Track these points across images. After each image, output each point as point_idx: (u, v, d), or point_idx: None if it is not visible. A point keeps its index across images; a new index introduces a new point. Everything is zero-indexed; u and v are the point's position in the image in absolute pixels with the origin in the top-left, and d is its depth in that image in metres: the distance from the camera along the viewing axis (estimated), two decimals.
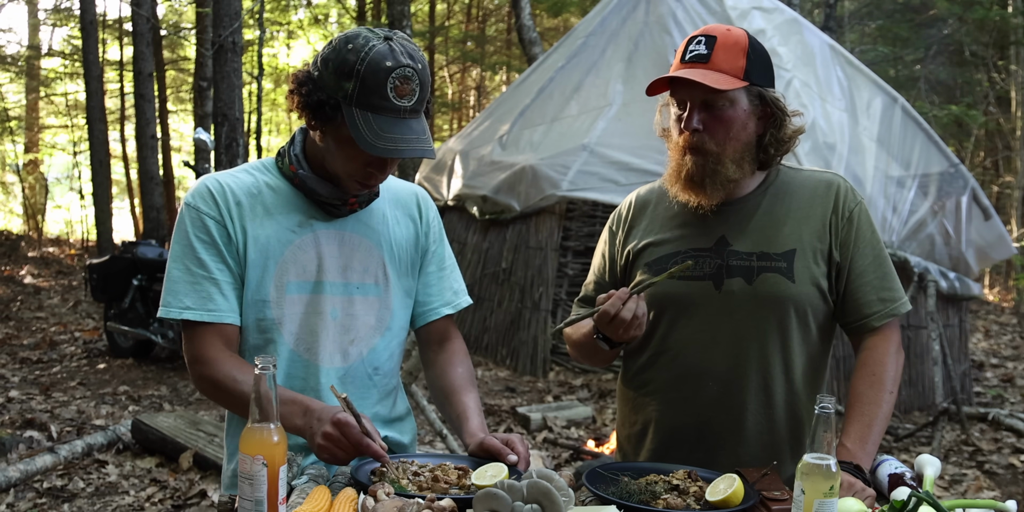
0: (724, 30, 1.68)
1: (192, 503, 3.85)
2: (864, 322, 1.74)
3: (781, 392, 1.76)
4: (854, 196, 1.78)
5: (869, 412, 1.68)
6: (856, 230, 1.75)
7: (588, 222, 6.68)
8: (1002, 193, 14.15)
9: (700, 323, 1.76)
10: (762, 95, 1.70)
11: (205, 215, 1.62)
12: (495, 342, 7.11)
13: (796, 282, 1.72)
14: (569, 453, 4.69)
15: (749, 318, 1.73)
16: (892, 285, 1.76)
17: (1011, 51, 13.44)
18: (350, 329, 1.71)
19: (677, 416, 1.81)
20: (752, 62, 1.67)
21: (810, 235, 1.74)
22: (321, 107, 1.54)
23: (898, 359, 1.75)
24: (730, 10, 6.83)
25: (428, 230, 1.83)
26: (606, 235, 1.96)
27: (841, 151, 6.09)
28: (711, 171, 1.69)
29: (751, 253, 1.74)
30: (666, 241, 1.81)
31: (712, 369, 1.76)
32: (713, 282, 1.75)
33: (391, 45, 1.50)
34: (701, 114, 1.67)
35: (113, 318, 6.74)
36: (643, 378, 1.87)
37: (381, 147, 1.51)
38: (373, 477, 1.50)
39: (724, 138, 1.68)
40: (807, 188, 1.78)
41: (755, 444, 1.76)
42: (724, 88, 1.62)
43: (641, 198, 1.93)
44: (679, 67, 1.69)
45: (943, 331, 5.74)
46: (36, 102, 18.89)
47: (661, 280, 1.65)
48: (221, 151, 7.44)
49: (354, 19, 17.14)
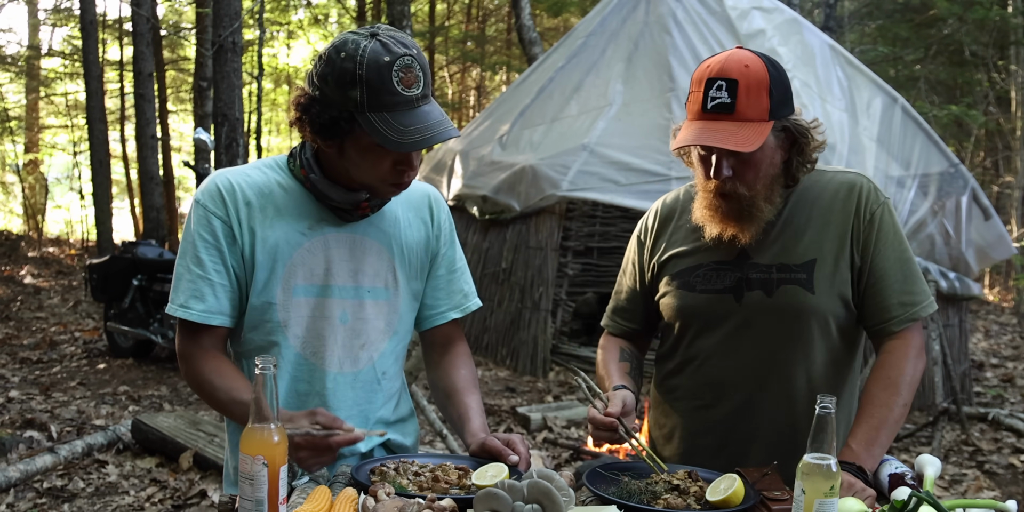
0: (743, 68, 1.59)
1: (192, 503, 3.85)
2: (884, 326, 1.72)
3: (804, 401, 1.74)
4: (877, 197, 1.75)
5: (879, 415, 1.66)
6: (878, 232, 1.72)
7: (588, 222, 6.68)
8: (1002, 193, 14.15)
9: (722, 335, 1.77)
10: (785, 126, 1.66)
11: (212, 214, 1.61)
12: (495, 342, 7.11)
13: (816, 293, 1.70)
14: (569, 453, 4.69)
15: (770, 330, 1.73)
16: (915, 288, 1.72)
17: (1011, 51, 13.44)
18: (361, 333, 1.70)
19: (701, 423, 1.83)
20: (774, 98, 1.61)
21: (831, 242, 1.72)
22: (335, 124, 1.51)
23: (917, 364, 1.71)
24: (730, 10, 6.83)
25: (439, 233, 1.81)
26: (634, 244, 1.95)
27: (841, 151, 6.09)
28: (747, 214, 1.68)
29: (771, 265, 1.73)
30: (689, 253, 1.81)
31: (734, 380, 1.77)
32: (734, 295, 1.75)
33: (381, 40, 1.48)
34: (730, 160, 1.64)
35: (113, 318, 6.74)
36: (670, 384, 1.89)
37: (409, 142, 1.49)
38: (374, 477, 1.50)
39: (754, 180, 1.65)
40: (829, 192, 1.76)
41: (778, 453, 1.76)
42: (757, 146, 1.58)
43: (667, 207, 1.91)
44: (701, 117, 1.62)
45: (943, 331, 5.74)
46: (36, 102, 18.89)
47: (641, 454, 1.63)
48: (221, 151, 7.44)
49: (354, 19, 17.14)
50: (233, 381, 1.59)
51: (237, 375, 1.62)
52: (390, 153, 1.53)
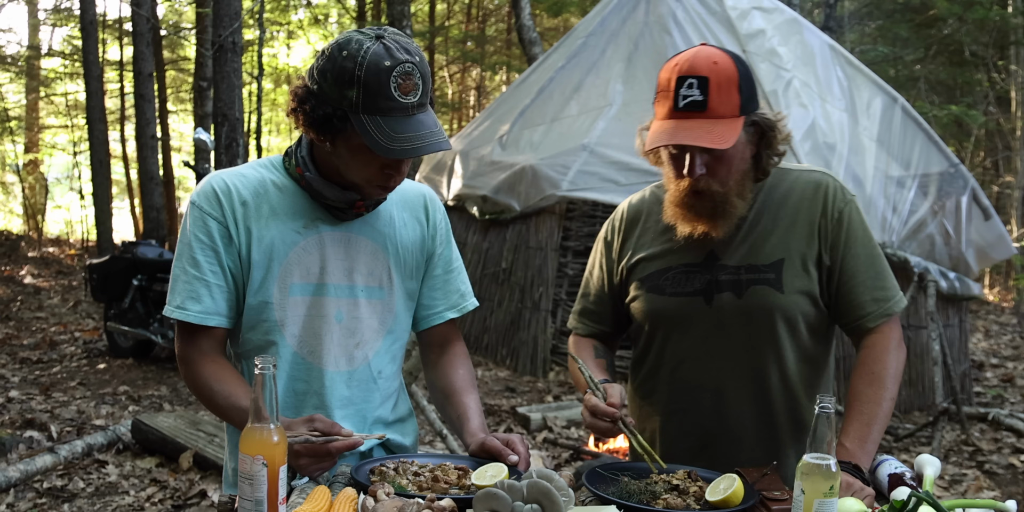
0: (712, 64, 1.60)
1: (192, 503, 3.85)
2: (859, 323, 1.73)
3: (780, 400, 1.76)
4: (843, 195, 1.76)
5: (868, 411, 1.67)
6: (847, 230, 1.73)
7: (588, 222, 6.68)
8: (1002, 193, 14.15)
9: (694, 338, 1.78)
10: (754, 120, 1.67)
11: (208, 215, 1.62)
12: (495, 342, 7.11)
13: (785, 292, 1.71)
14: (569, 453, 4.69)
15: (740, 331, 1.74)
16: (886, 284, 1.74)
17: (1011, 51, 13.43)
18: (355, 332, 1.70)
19: (678, 427, 1.84)
20: (744, 93, 1.62)
21: (798, 242, 1.73)
22: (328, 120, 1.51)
23: (898, 356, 1.73)
24: (730, 10, 6.83)
25: (435, 233, 1.81)
26: (601, 245, 1.95)
27: (841, 151, 6.09)
28: (720, 210, 1.68)
29: (739, 266, 1.74)
30: (657, 256, 1.82)
31: (707, 382, 1.78)
32: (703, 297, 1.76)
33: (385, 43, 1.48)
34: (703, 157, 1.64)
35: (113, 318, 6.74)
36: (646, 388, 1.89)
37: (398, 149, 1.48)
38: (373, 477, 1.50)
39: (727, 176, 1.66)
40: (795, 192, 1.77)
41: (757, 451, 1.77)
42: (732, 142, 1.58)
43: (633, 208, 1.91)
44: (673, 115, 1.62)
45: (943, 331, 5.74)
46: (36, 102, 18.90)
47: (646, 456, 1.62)
48: (221, 151, 7.44)
49: (354, 19, 17.13)
50: (232, 386, 1.59)
51: (236, 380, 1.62)
52: (378, 157, 1.52)
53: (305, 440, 1.45)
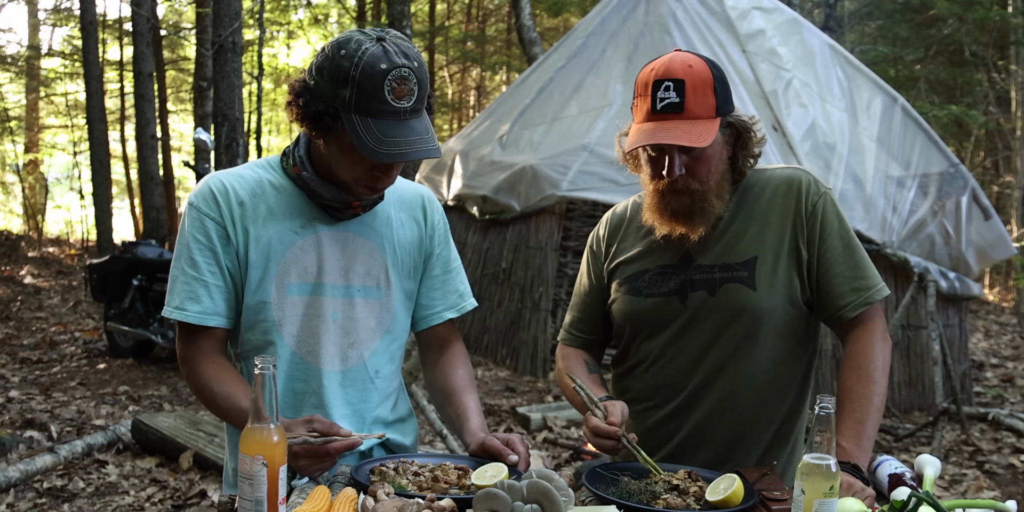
0: (687, 68, 1.64)
1: (192, 503, 3.85)
2: (840, 314, 1.73)
3: (753, 399, 1.77)
4: (817, 188, 1.77)
5: (860, 408, 1.66)
6: (822, 223, 1.74)
7: (588, 222, 6.68)
8: (1002, 193, 14.15)
9: (668, 337, 1.80)
10: (731, 122, 1.71)
11: (205, 216, 1.62)
12: (495, 342, 7.11)
13: (758, 290, 1.73)
14: (569, 453, 4.69)
15: (714, 329, 1.75)
16: (865, 273, 1.74)
17: (1011, 51, 13.44)
18: (350, 332, 1.70)
19: (650, 424, 1.85)
20: (719, 95, 1.66)
21: (773, 239, 1.75)
22: (320, 117, 1.52)
23: (884, 348, 1.72)
24: (730, 10, 6.83)
25: (433, 233, 1.81)
26: (588, 256, 1.97)
27: (841, 151, 6.09)
28: (699, 209, 1.71)
29: (713, 266, 1.76)
30: (635, 259, 1.85)
31: (680, 380, 1.80)
32: (678, 297, 1.78)
33: (384, 46, 1.48)
34: (682, 158, 1.68)
35: (113, 318, 6.74)
36: (621, 386, 1.92)
37: (385, 152, 1.48)
38: (373, 477, 1.50)
39: (707, 175, 1.70)
40: (769, 190, 1.79)
41: (732, 451, 1.79)
42: (710, 141, 1.62)
43: (616, 216, 1.94)
44: (651, 118, 1.66)
45: (943, 331, 5.74)
46: (36, 102, 18.90)
47: (642, 459, 1.62)
48: (221, 151, 7.44)
49: (354, 19, 17.14)
50: (232, 387, 1.60)
51: (236, 381, 1.62)
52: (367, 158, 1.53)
53: (304, 441, 1.45)
